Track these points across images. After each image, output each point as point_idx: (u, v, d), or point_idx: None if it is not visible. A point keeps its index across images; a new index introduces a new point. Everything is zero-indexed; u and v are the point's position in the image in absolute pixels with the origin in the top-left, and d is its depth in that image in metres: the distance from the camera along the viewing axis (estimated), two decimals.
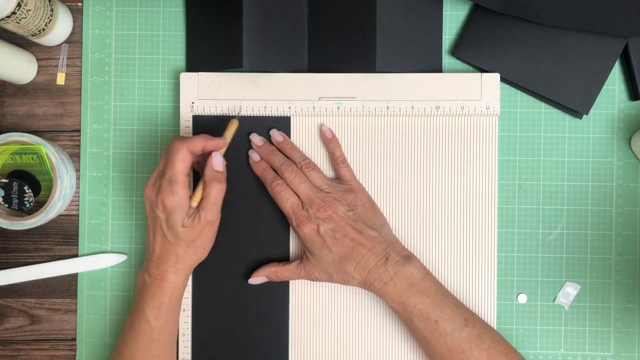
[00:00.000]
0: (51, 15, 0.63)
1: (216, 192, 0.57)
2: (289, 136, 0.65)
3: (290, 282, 0.65)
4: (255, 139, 0.64)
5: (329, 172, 0.65)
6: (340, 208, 0.60)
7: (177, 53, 0.67)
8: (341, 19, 0.64)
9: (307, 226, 0.59)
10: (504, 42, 0.65)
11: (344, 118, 0.65)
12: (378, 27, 0.62)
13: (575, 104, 0.65)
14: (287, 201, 0.61)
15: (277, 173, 0.62)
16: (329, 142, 0.64)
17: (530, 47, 0.65)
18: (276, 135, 0.64)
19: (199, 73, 0.65)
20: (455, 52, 0.66)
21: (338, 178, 0.64)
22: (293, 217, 0.60)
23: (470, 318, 0.58)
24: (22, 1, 0.57)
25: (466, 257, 0.65)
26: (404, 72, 0.64)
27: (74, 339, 0.68)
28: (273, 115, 0.65)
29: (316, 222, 0.59)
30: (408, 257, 0.59)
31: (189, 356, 0.65)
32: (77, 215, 0.68)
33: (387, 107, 0.64)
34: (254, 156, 0.64)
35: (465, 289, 0.65)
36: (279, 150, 0.64)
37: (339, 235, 0.59)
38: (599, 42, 0.64)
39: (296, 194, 0.61)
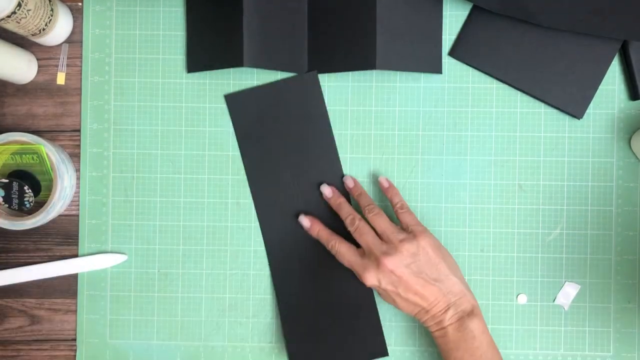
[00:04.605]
0: (51, 15, 0.63)
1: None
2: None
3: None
4: (326, 190, 0.66)
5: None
6: (401, 261, 0.59)
7: (177, 53, 0.67)
8: (341, 17, 0.64)
9: (369, 279, 0.60)
10: (500, 44, 0.65)
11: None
12: (378, 26, 0.62)
13: (570, 108, 0.65)
14: (344, 258, 0.62)
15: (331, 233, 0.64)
16: (386, 190, 0.64)
17: (526, 50, 0.65)
18: (348, 181, 0.66)
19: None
20: (452, 52, 0.66)
21: (401, 225, 0.63)
22: (354, 271, 0.61)
23: None
24: (22, 1, 0.57)
25: None
26: (404, 70, 0.64)
27: (74, 339, 0.68)
28: None
29: (377, 276, 0.59)
30: (469, 313, 0.59)
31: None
32: (77, 215, 0.68)
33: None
34: (305, 223, 0.65)
35: None
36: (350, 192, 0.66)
37: (401, 290, 0.59)
38: (593, 46, 0.64)
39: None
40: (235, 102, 0.66)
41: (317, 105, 0.66)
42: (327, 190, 0.65)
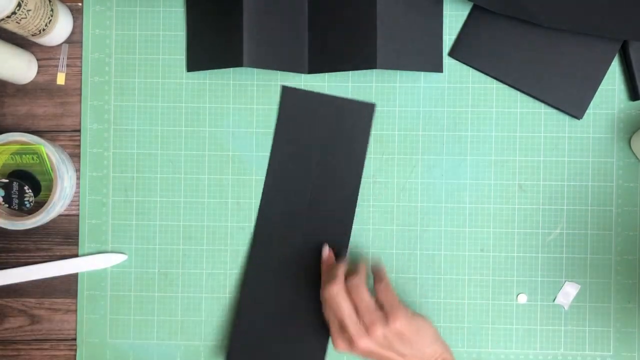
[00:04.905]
0: (51, 15, 0.63)
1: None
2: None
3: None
4: (324, 251, 0.65)
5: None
6: (373, 342, 0.58)
7: (177, 53, 0.67)
8: (341, 17, 0.64)
9: (339, 347, 0.60)
10: (500, 44, 0.65)
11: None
12: (379, 25, 0.62)
13: (570, 108, 0.65)
14: (327, 310, 0.61)
15: None
16: (373, 267, 0.64)
17: (526, 51, 0.65)
18: (325, 250, 0.66)
19: None
20: (452, 52, 0.66)
21: (376, 300, 0.61)
22: (330, 330, 0.61)
23: None
24: (22, 1, 0.57)
25: None
26: (405, 70, 0.64)
27: (74, 339, 0.68)
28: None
29: (349, 349, 0.59)
30: None
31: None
32: (77, 215, 0.68)
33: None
34: (324, 251, 0.65)
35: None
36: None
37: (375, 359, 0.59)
38: (593, 46, 0.64)
39: None
40: (290, 95, 0.67)
41: (362, 137, 0.66)
42: (325, 252, 0.65)
